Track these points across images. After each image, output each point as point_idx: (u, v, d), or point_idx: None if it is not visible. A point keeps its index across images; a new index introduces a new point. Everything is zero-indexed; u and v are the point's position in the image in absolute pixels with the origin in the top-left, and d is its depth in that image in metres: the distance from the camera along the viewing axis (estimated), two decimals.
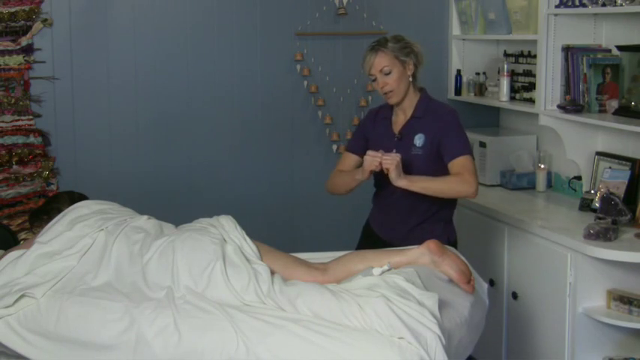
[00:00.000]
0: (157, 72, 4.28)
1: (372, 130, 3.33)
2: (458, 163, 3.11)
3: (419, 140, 3.18)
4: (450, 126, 3.16)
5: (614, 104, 3.67)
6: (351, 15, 4.53)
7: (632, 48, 3.60)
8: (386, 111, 3.33)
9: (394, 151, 3.15)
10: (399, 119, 3.27)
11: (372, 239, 3.35)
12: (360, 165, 3.22)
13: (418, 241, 2.90)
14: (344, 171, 3.34)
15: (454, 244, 3.26)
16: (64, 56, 4.12)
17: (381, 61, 3.15)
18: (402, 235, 3.26)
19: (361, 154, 3.20)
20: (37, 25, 4.03)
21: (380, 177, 3.21)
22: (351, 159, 3.36)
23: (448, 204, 3.28)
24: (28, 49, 4.03)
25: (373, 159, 3.05)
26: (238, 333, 2.42)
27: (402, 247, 2.95)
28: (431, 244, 2.83)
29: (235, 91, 4.41)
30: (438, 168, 3.15)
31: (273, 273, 2.68)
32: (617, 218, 3.39)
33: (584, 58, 3.76)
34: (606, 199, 3.46)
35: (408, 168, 3.11)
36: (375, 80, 3.20)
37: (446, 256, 2.80)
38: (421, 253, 2.82)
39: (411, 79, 3.20)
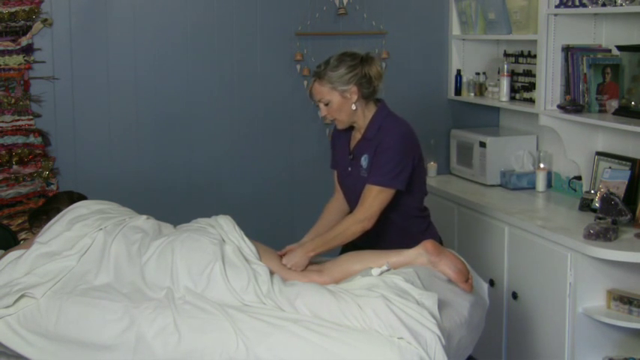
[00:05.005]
0: (157, 72, 4.27)
1: (336, 143, 3.21)
2: (366, 192, 2.93)
3: (365, 162, 3.01)
4: (385, 149, 2.93)
5: (614, 104, 3.67)
6: (351, 15, 4.52)
7: (632, 48, 3.60)
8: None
9: (349, 169, 3.06)
10: (356, 136, 3.09)
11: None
12: None
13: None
14: (323, 219, 3.20)
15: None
16: (64, 56, 4.11)
17: (319, 91, 2.97)
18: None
19: None
20: (37, 25, 4.03)
21: (346, 198, 3.14)
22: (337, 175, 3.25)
23: (415, 223, 3.11)
24: (28, 49, 4.03)
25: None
26: (238, 333, 2.42)
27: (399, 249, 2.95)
28: (428, 245, 2.83)
29: (235, 90, 4.41)
30: None
31: (272, 273, 2.69)
32: (617, 218, 3.39)
33: (584, 58, 3.76)
34: (606, 199, 3.46)
35: (358, 191, 2.98)
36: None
37: (443, 256, 2.81)
38: (418, 254, 2.83)
39: (354, 106, 2.97)
